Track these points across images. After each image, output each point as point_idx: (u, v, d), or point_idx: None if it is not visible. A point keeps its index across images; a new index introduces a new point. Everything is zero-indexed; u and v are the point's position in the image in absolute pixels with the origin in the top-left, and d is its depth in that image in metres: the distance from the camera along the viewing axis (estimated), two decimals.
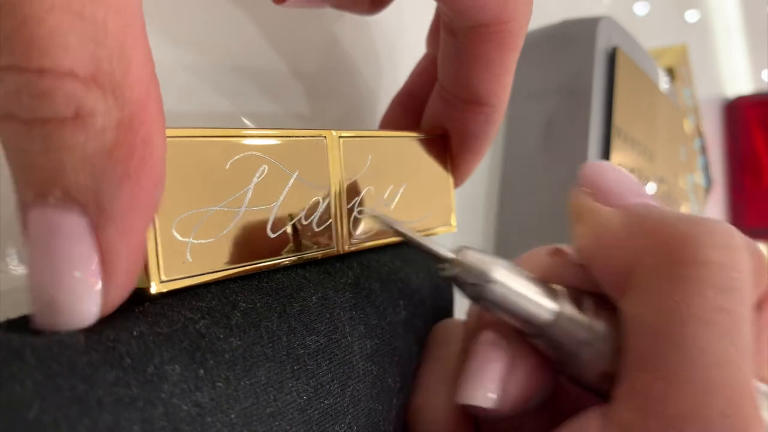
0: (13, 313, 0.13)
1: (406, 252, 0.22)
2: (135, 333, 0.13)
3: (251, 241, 0.16)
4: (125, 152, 0.11)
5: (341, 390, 0.17)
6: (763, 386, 0.16)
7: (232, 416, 0.13)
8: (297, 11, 0.25)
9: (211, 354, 0.13)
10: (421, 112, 0.25)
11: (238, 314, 0.15)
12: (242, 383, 0.14)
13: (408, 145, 0.22)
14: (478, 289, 0.16)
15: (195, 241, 0.15)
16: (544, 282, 0.17)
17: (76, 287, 0.11)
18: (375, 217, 0.19)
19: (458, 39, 0.20)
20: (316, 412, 0.16)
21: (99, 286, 0.12)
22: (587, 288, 0.17)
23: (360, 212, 0.19)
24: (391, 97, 0.26)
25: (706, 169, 0.76)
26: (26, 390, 0.10)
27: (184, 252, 0.14)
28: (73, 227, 0.11)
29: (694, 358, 0.14)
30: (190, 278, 0.15)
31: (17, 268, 0.16)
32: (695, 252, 0.14)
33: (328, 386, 0.16)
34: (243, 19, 0.23)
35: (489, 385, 0.17)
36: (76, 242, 0.11)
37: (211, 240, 0.15)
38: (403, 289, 0.21)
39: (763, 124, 1.03)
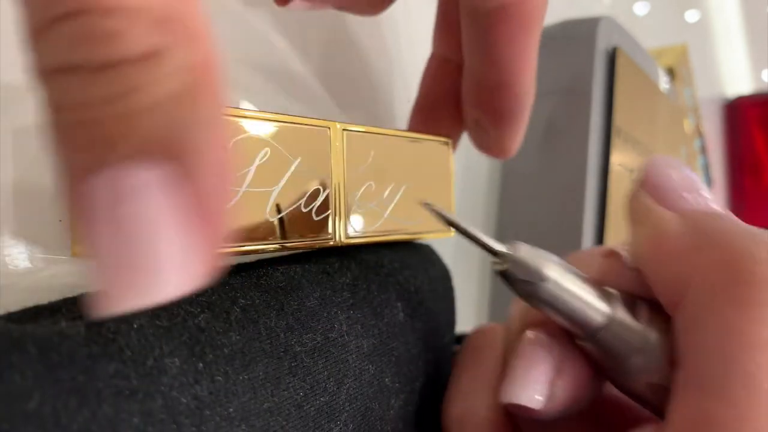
0: (14, 307, 0.13)
1: (405, 254, 0.23)
2: (135, 326, 0.13)
3: (249, 223, 0.16)
4: (201, 95, 0.10)
5: (337, 388, 0.17)
6: None
7: (231, 410, 0.13)
8: (300, 15, 0.25)
9: (211, 348, 0.14)
10: (443, 116, 0.25)
11: (238, 310, 0.15)
12: (240, 378, 0.14)
13: (411, 146, 0.22)
14: (531, 286, 0.16)
15: None
16: (598, 284, 0.17)
17: (167, 252, 0.10)
18: (427, 205, 0.18)
19: (480, 22, 0.20)
20: (312, 408, 0.16)
21: (184, 249, 0.10)
22: (641, 294, 0.17)
23: (424, 204, 0.18)
24: (396, 98, 0.26)
25: (706, 169, 0.76)
26: (26, 380, 0.10)
27: None
28: (156, 182, 0.10)
29: (761, 385, 0.13)
30: None
31: (18, 263, 0.16)
32: (763, 273, 0.14)
33: (324, 384, 0.16)
34: (247, 17, 0.23)
35: (536, 385, 0.17)
36: (161, 198, 0.10)
37: None
38: (401, 291, 0.21)
39: (763, 124, 1.03)
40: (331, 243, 0.19)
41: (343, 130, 0.19)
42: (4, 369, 0.10)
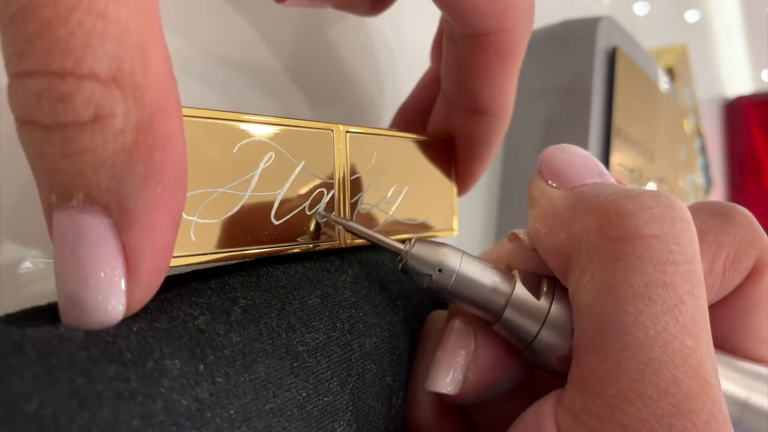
0: (13, 308, 0.13)
1: None
2: (134, 328, 0.13)
3: (254, 226, 0.16)
4: (146, 152, 0.11)
5: (340, 388, 0.17)
6: (742, 363, 0.16)
7: (232, 412, 0.13)
8: (299, 13, 0.25)
9: (211, 350, 0.13)
10: (424, 126, 0.25)
11: (238, 310, 0.15)
12: (242, 379, 0.14)
13: (414, 146, 0.22)
14: (430, 278, 0.17)
15: (200, 221, 0.15)
16: (499, 268, 0.17)
17: (101, 287, 0.12)
18: (329, 219, 0.19)
19: (460, 47, 0.20)
20: (315, 409, 0.16)
21: (123, 285, 0.12)
22: (547, 272, 0.17)
23: (318, 214, 0.19)
24: (391, 100, 0.26)
25: (706, 169, 0.76)
26: (26, 383, 0.10)
27: (188, 230, 0.14)
28: (97, 228, 0.11)
29: (634, 335, 0.13)
30: (193, 256, 0.15)
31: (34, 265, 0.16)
32: (631, 226, 0.14)
33: (327, 384, 0.16)
34: (243, 19, 0.23)
35: (450, 372, 0.17)
36: (100, 243, 0.11)
37: (216, 221, 0.15)
38: (401, 289, 0.21)
39: (763, 124, 1.03)
40: (336, 244, 0.19)
41: (346, 132, 0.19)
42: (3, 372, 0.10)
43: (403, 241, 0.18)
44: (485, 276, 0.17)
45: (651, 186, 0.47)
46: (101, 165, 0.11)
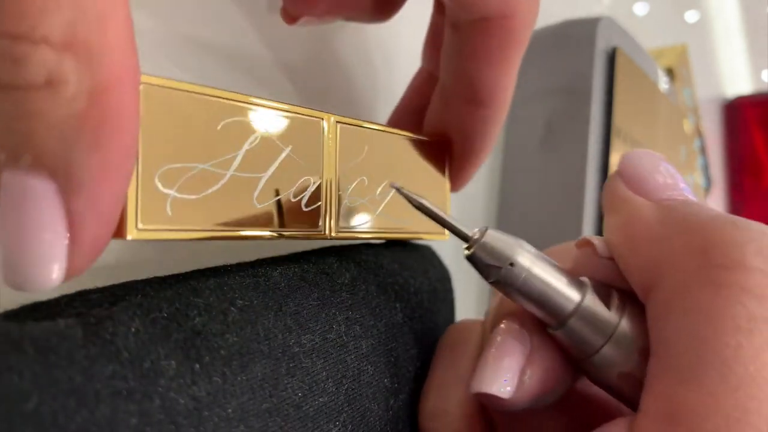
0: (13, 305, 0.13)
1: (405, 255, 0.22)
2: (132, 329, 0.13)
3: (235, 207, 0.16)
4: (95, 121, 0.11)
5: (336, 388, 0.17)
6: None
7: (229, 411, 0.13)
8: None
9: (207, 350, 0.14)
10: (419, 129, 0.25)
11: (235, 311, 0.15)
12: (239, 379, 0.14)
13: (407, 144, 0.22)
14: (499, 272, 0.16)
15: (177, 195, 0.14)
16: (570, 272, 0.16)
17: (42, 249, 0.11)
18: (397, 189, 0.18)
19: (461, 33, 0.20)
20: (311, 409, 0.16)
21: (64, 251, 0.12)
22: (616, 284, 0.16)
23: (390, 186, 0.18)
24: (385, 100, 0.26)
25: (706, 169, 0.76)
26: (24, 381, 0.10)
27: (164, 203, 0.14)
28: (42, 191, 0.11)
29: (734, 370, 0.12)
30: (168, 231, 0.14)
31: None
32: (738, 257, 0.13)
33: (323, 384, 0.16)
34: (238, 17, 0.23)
35: (506, 374, 0.16)
36: (44, 205, 0.11)
37: (194, 197, 0.15)
38: (400, 292, 0.21)
39: (763, 124, 1.03)
40: (321, 235, 0.18)
41: (337, 122, 0.19)
42: (1, 370, 0.10)
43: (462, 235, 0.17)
44: (556, 278, 0.16)
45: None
46: (51, 129, 0.11)
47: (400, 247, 0.23)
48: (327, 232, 0.18)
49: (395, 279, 0.21)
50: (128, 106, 0.12)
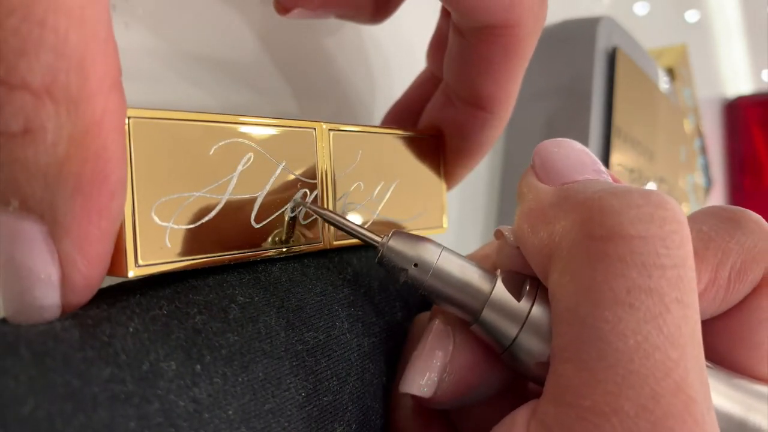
0: None
1: None
2: (131, 329, 0.12)
3: (234, 230, 0.16)
4: (77, 167, 0.11)
5: (340, 387, 0.16)
6: (741, 381, 0.15)
7: (230, 412, 0.13)
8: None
9: (208, 350, 0.13)
10: (414, 122, 0.24)
11: (236, 309, 0.15)
12: (240, 379, 0.14)
13: (400, 142, 0.22)
14: (406, 273, 0.16)
15: (175, 226, 0.14)
16: (482, 266, 0.16)
17: (36, 291, 0.12)
18: (308, 207, 0.18)
19: (465, 40, 0.20)
20: (315, 409, 0.15)
21: (57, 291, 0.12)
22: (531, 272, 0.16)
23: (293, 201, 0.18)
24: (382, 99, 0.26)
25: (706, 169, 0.76)
26: (20, 385, 0.10)
27: (162, 236, 0.14)
28: (32, 233, 0.11)
29: (613, 345, 0.12)
30: (168, 264, 0.14)
31: None
32: (615, 226, 0.13)
33: (327, 383, 0.16)
34: (233, 17, 0.23)
35: (425, 374, 0.16)
36: (35, 249, 0.11)
37: (192, 226, 0.15)
38: (400, 290, 0.20)
39: (763, 124, 1.03)
40: (321, 246, 0.18)
41: (329, 130, 0.19)
42: None
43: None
44: (465, 273, 0.16)
45: (651, 186, 0.47)
46: (33, 176, 0.11)
47: None
48: (326, 242, 0.18)
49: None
50: (111, 148, 0.12)
